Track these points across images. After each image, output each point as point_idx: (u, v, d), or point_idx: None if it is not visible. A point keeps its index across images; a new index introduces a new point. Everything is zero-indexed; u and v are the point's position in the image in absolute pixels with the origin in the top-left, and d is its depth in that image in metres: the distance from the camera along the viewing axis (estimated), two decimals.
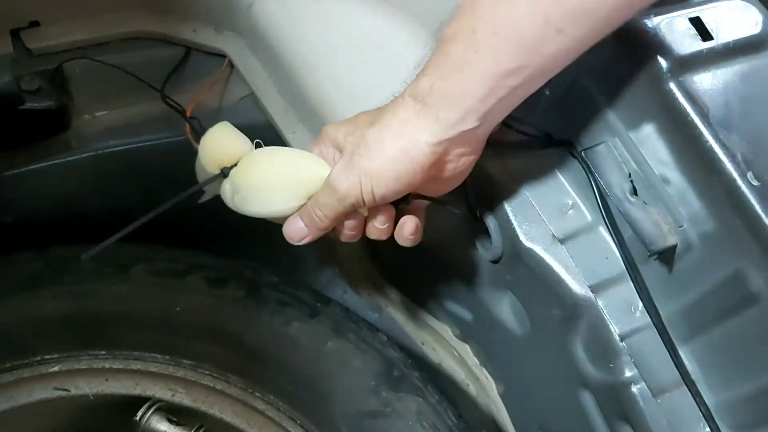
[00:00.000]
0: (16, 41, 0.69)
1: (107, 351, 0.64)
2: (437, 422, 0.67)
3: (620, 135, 0.58)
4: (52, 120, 0.71)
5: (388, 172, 0.52)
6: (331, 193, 0.54)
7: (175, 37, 0.77)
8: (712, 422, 0.55)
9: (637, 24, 0.56)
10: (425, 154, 0.51)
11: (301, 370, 0.67)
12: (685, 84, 0.54)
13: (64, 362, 0.62)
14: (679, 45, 0.55)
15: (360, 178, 0.52)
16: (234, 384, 0.65)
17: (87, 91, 0.73)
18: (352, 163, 0.53)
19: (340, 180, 0.53)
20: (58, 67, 0.69)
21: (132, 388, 0.64)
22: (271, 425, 0.65)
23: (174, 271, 0.69)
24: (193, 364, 0.65)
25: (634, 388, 0.58)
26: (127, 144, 0.74)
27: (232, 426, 0.65)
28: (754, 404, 0.55)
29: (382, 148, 0.52)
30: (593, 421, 0.64)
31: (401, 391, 0.67)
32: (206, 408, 0.64)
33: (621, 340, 0.59)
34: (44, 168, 0.71)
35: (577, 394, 0.64)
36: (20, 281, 0.65)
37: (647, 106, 0.56)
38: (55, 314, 0.64)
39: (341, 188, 0.53)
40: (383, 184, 0.52)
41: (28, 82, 0.67)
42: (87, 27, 0.73)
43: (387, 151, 0.52)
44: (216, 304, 0.68)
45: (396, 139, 0.52)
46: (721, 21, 0.56)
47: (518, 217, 0.62)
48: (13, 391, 0.61)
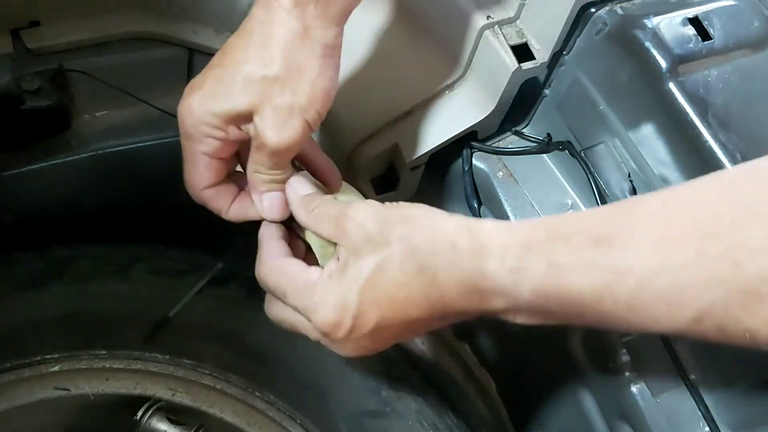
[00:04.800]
0: (16, 41, 0.69)
1: (107, 351, 0.64)
2: (437, 422, 0.67)
3: (620, 135, 0.58)
4: (52, 120, 0.70)
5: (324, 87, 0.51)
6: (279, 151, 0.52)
7: (174, 37, 0.77)
8: (711, 422, 0.55)
9: (637, 24, 0.56)
10: None
11: (301, 370, 0.67)
12: (685, 84, 0.54)
13: (64, 362, 0.62)
14: (678, 45, 0.55)
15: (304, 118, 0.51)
16: (234, 383, 0.65)
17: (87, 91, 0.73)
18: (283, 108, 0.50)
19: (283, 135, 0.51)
20: (58, 67, 0.69)
21: (132, 388, 0.63)
22: (271, 425, 0.65)
23: (174, 270, 0.69)
24: (193, 363, 0.65)
25: (633, 387, 0.58)
26: (127, 144, 0.74)
27: (233, 425, 0.65)
28: (754, 403, 0.55)
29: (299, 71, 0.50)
30: (593, 421, 0.64)
31: (401, 391, 0.67)
32: (206, 407, 0.64)
33: (621, 339, 0.59)
34: (44, 168, 0.71)
35: (577, 393, 0.64)
36: (20, 281, 0.65)
37: (647, 106, 0.56)
38: (55, 314, 0.64)
39: (289, 141, 0.51)
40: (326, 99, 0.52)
41: (28, 82, 0.67)
42: (87, 27, 0.73)
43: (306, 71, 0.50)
44: (216, 304, 0.68)
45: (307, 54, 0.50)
46: (720, 21, 0.56)
47: (518, 216, 0.62)
48: (13, 390, 0.61)
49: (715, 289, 0.36)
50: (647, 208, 0.40)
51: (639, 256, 0.38)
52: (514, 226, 0.44)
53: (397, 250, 0.45)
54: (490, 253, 0.43)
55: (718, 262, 0.35)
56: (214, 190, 0.56)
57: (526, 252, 0.42)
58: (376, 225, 0.46)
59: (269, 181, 0.54)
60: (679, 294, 0.37)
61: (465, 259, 0.43)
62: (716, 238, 0.36)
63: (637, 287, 0.38)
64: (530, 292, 0.42)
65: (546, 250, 0.41)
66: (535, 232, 0.42)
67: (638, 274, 0.38)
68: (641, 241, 0.38)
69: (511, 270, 0.42)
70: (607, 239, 0.39)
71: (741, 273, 0.35)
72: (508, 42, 0.61)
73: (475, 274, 0.43)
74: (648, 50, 0.55)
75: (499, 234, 0.43)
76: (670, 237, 0.37)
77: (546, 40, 0.61)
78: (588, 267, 0.39)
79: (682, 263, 0.36)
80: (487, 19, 0.62)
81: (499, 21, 0.62)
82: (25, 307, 0.64)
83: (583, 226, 0.41)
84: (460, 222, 0.45)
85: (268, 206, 0.55)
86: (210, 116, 0.51)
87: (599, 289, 0.39)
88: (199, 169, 0.54)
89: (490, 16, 0.62)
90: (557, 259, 0.40)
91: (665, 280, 0.37)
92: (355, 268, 0.46)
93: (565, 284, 0.40)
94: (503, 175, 0.65)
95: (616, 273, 0.38)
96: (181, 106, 0.52)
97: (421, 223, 0.46)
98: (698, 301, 0.36)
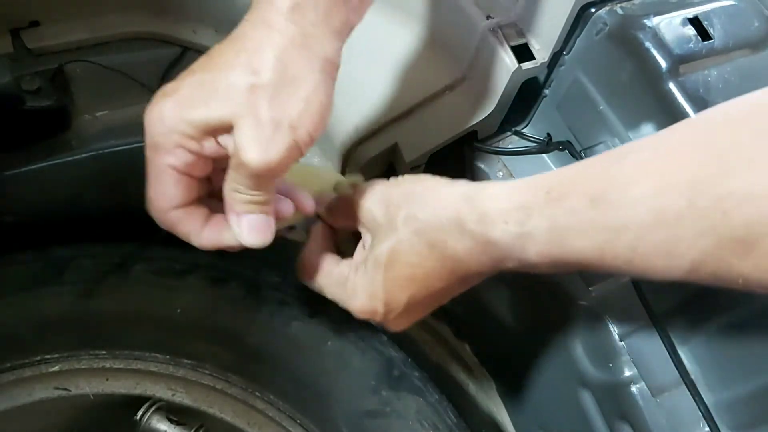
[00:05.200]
0: (16, 41, 0.70)
1: (107, 351, 0.64)
2: (437, 422, 0.67)
3: (620, 135, 0.58)
4: (53, 120, 0.70)
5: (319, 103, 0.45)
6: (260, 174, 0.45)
7: (174, 37, 0.77)
8: (711, 422, 0.55)
9: (637, 24, 0.56)
10: None
11: (301, 370, 0.67)
12: (685, 84, 0.54)
13: (64, 362, 0.62)
14: (678, 45, 0.55)
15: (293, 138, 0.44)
16: (234, 383, 0.65)
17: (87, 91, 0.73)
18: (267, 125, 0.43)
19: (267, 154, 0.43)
20: (58, 67, 0.69)
21: (132, 388, 0.63)
22: (271, 425, 0.65)
23: (174, 270, 0.69)
24: (193, 363, 0.65)
25: (633, 387, 0.58)
26: (127, 144, 0.74)
27: (233, 425, 0.65)
28: (754, 404, 0.55)
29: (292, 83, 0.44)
30: (593, 421, 0.64)
31: (401, 391, 0.67)
32: (206, 407, 0.64)
33: (621, 339, 0.59)
34: (44, 168, 0.71)
35: (577, 393, 0.64)
36: (20, 281, 0.65)
37: (646, 106, 0.56)
38: (55, 314, 0.64)
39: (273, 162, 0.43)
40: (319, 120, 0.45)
41: (29, 82, 0.67)
42: (87, 27, 0.73)
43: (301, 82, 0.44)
44: (216, 304, 0.68)
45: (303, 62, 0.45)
46: (720, 21, 0.56)
47: None
48: (13, 390, 0.61)
49: (706, 239, 0.36)
50: (638, 157, 0.40)
51: (634, 211, 0.39)
52: (513, 189, 0.45)
53: (404, 233, 0.47)
54: (493, 221, 0.44)
55: (708, 212, 0.36)
56: (182, 211, 0.48)
57: (527, 216, 0.43)
58: (382, 209, 0.48)
59: (248, 202, 0.46)
60: (674, 246, 0.38)
61: (470, 229, 0.45)
62: (705, 187, 0.36)
63: (634, 243, 0.39)
64: (536, 254, 0.43)
65: (546, 212, 0.42)
66: (533, 193, 0.43)
67: (634, 231, 0.39)
68: (635, 195, 0.39)
69: (515, 235, 0.43)
70: (602, 196, 0.40)
71: (729, 221, 0.35)
72: (508, 42, 0.61)
73: (483, 242, 0.44)
74: (648, 50, 0.55)
75: (500, 199, 0.44)
76: (661, 188, 0.38)
77: (546, 40, 0.61)
78: (587, 228, 0.40)
79: (674, 216, 0.37)
80: (488, 19, 0.62)
81: (499, 21, 0.62)
82: (25, 307, 0.64)
83: (578, 183, 0.42)
84: (462, 190, 0.46)
85: (247, 230, 0.48)
86: (184, 124, 0.44)
87: (599, 247, 0.40)
88: (166, 186, 0.47)
89: (491, 16, 0.62)
90: (557, 222, 0.41)
91: (660, 234, 0.38)
92: (372, 258, 0.48)
93: (568, 246, 0.41)
94: (503, 175, 0.65)
95: (614, 231, 0.39)
96: (149, 113, 0.45)
97: (424, 198, 0.47)
98: (692, 251, 0.37)
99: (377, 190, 0.50)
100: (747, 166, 0.35)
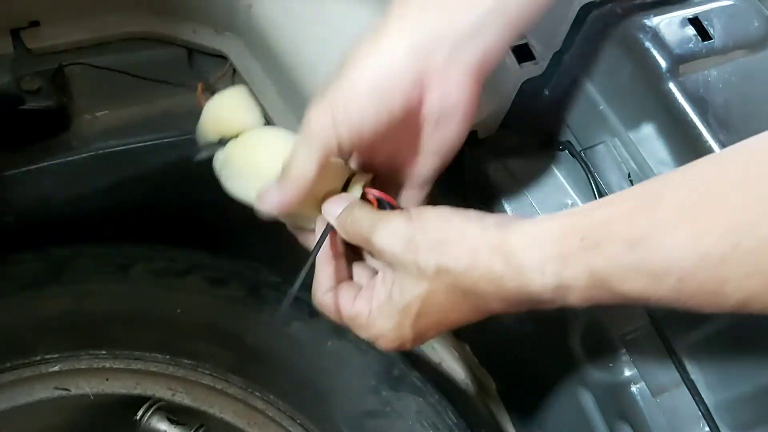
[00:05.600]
0: (16, 41, 0.69)
1: (107, 351, 0.64)
2: (437, 422, 0.67)
3: (620, 135, 0.58)
4: (52, 120, 0.70)
5: (360, 90, 0.45)
6: (302, 137, 0.47)
7: (174, 37, 0.77)
8: (711, 422, 0.55)
9: (637, 24, 0.56)
10: (400, 62, 0.45)
11: (301, 370, 0.67)
12: (685, 84, 0.54)
13: (64, 362, 0.62)
14: (678, 45, 0.55)
15: (331, 110, 0.45)
16: (234, 383, 0.65)
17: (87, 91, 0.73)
18: (323, 97, 0.46)
19: (311, 116, 0.46)
20: (58, 68, 0.69)
21: (132, 388, 0.63)
22: (271, 425, 0.65)
23: (174, 270, 0.69)
24: (193, 363, 0.65)
25: (633, 387, 0.58)
26: (127, 144, 0.74)
27: (233, 425, 0.65)
28: (754, 404, 0.55)
29: (355, 66, 0.45)
30: (593, 421, 0.64)
31: (401, 391, 0.67)
32: (206, 407, 0.64)
33: (621, 339, 0.59)
34: (44, 168, 0.71)
35: (577, 393, 0.64)
36: (20, 281, 0.65)
37: (647, 106, 0.56)
38: (55, 314, 0.64)
39: (311, 125, 0.46)
40: (357, 107, 0.45)
41: (28, 82, 0.67)
42: (87, 27, 0.73)
43: (359, 67, 0.45)
44: (216, 304, 0.68)
45: (369, 51, 0.45)
46: (720, 21, 0.56)
47: None
48: (13, 390, 0.61)
49: (754, 279, 0.36)
50: (675, 199, 0.39)
51: (675, 256, 0.38)
52: (545, 237, 0.43)
53: (437, 285, 0.45)
54: (529, 276, 0.43)
55: (755, 254, 0.35)
56: None
57: (563, 267, 0.41)
58: (407, 252, 0.46)
59: None
60: (720, 287, 0.37)
61: (506, 282, 0.44)
62: (750, 228, 0.36)
63: (678, 286, 0.38)
64: (577, 300, 0.43)
65: (583, 261, 0.41)
66: (567, 242, 0.42)
67: (677, 274, 0.38)
68: (675, 241, 0.38)
69: (554, 286, 0.42)
70: (640, 241, 0.39)
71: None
72: None
73: (519, 293, 0.44)
74: (648, 50, 0.55)
75: (533, 250, 0.43)
76: (703, 232, 0.37)
77: (546, 40, 0.61)
78: (627, 273, 0.40)
79: (718, 258, 0.36)
80: None
81: None
82: (25, 307, 0.64)
83: (613, 228, 0.40)
84: (492, 240, 0.44)
85: None
86: None
87: (642, 290, 0.40)
88: None
89: None
90: (596, 270, 0.40)
91: (704, 276, 0.37)
92: (402, 305, 0.47)
93: (609, 290, 0.41)
94: (503, 175, 0.65)
95: (656, 276, 0.39)
96: None
97: (455, 250, 0.45)
98: (740, 292, 0.37)
99: (399, 230, 0.47)
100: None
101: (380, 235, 0.47)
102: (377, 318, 0.49)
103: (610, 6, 0.58)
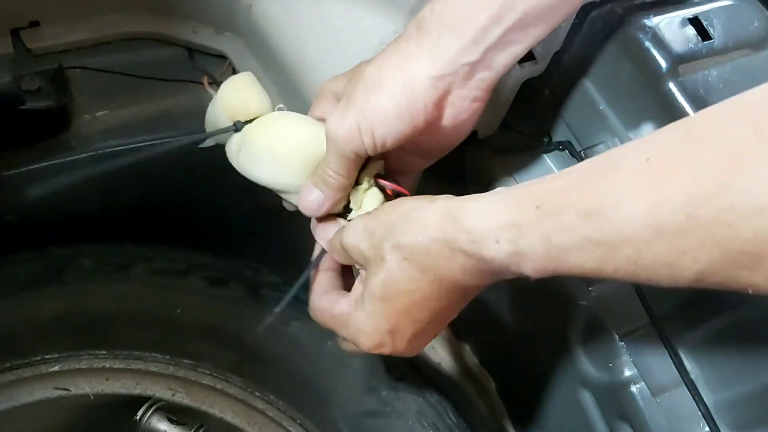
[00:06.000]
0: (16, 41, 0.70)
1: (107, 351, 0.64)
2: (437, 422, 0.67)
3: (620, 135, 0.58)
4: (52, 120, 0.71)
5: (388, 108, 0.48)
6: (331, 144, 0.50)
7: (174, 37, 0.77)
8: (711, 421, 0.55)
9: (637, 24, 0.56)
10: (426, 87, 0.48)
11: (301, 370, 0.67)
12: (685, 84, 0.54)
13: (64, 362, 0.62)
14: (678, 45, 0.55)
15: (357, 120, 0.48)
16: (234, 383, 0.65)
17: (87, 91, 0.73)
18: (348, 106, 0.49)
19: (336, 126, 0.49)
20: (58, 68, 0.69)
21: (132, 388, 0.63)
22: (271, 425, 0.65)
23: (174, 270, 0.69)
24: (193, 363, 0.65)
25: (633, 387, 0.58)
26: (127, 144, 0.74)
27: (233, 425, 0.65)
28: (754, 404, 0.55)
29: (380, 84, 0.48)
30: (593, 421, 0.64)
31: (401, 391, 0.67)
32: (206, 407, 0.64)
33: (621, 339, 0.59)
34: (44, 168, 0.71)
35: (577, 393, 0.64)
36: (20, 281, 0.65)
37: (647, 106, 0.56)
38: (55, 314, 0.64)
39: (338, 135, 0.49)
40: (383, 123, 0.48)
41: (28, 82, 0.67)
42: (87, 27, 0.73)
43: (385, 87, 0.48)
44: (216, 304, 0.68)
45: (395, 73, 0.48)
46: (720, 21, 0.56)
47: None
48: (13, 390, 0.61)
49: (711, 251, 0.35)
50: (632, 166, 0.38)
51: (631, 227, 0.37)
52: (500, 204, 0.43)
53: (392, 263, 0.46)
54: (483, 239, 0.42)
55: (711, 225, 0.34)
56: None
57: (519, 234, 0.41)
58: (368, 244, 0.48)
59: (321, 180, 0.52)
60: (677, 258, 0.36)
61: (461, 248, 0.43)
62: (704, 200, 0.34)
63: (634, 257, 0.38)
64: (533, 270, 0.42)
65: (538, 230, 0.40)
66: (522, 209, 0.41)
67: (633, 245, 0.37)
68: (630, 210, 0.37)
69: (509, 254, 0.42)
70: (596, 211, 0.38)
71: (736, 234, 0.34)
72: None
73: (476, 259, 0.43)
74: (648, 50, 0.55)
75: (487, 216, 0.43)
76: (657, 203, 0.36)
77: (547, 40, 0.61)
78: (583, 244, 0.39)
79: (674, 230, 0.35)
80: None
81: None
82: (25, 307, 0.64)
83: (569, 197, 0.40)
84: (442, 208, 0.45)
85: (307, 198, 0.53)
86: None
87: (597, 262, 0.39)
88: None
89: None
90: (552, 240, 0.40)
91: (661, 247, 0.36)
92: (368, 293, 0.48)
93: (565, 261, 0.40)
94: (503, 175, 0.65)
95: (612, 247, 0.38)
96: None
97: (404, 225, 0.46)
98: (697, 263, 0.36)
99: (358, 226, 0.49)
100: (748, 177, 0.33)
101: (346, 236, 0.49)
102: (353, 313, 0.50)
103: (610, 6, 0.58)
